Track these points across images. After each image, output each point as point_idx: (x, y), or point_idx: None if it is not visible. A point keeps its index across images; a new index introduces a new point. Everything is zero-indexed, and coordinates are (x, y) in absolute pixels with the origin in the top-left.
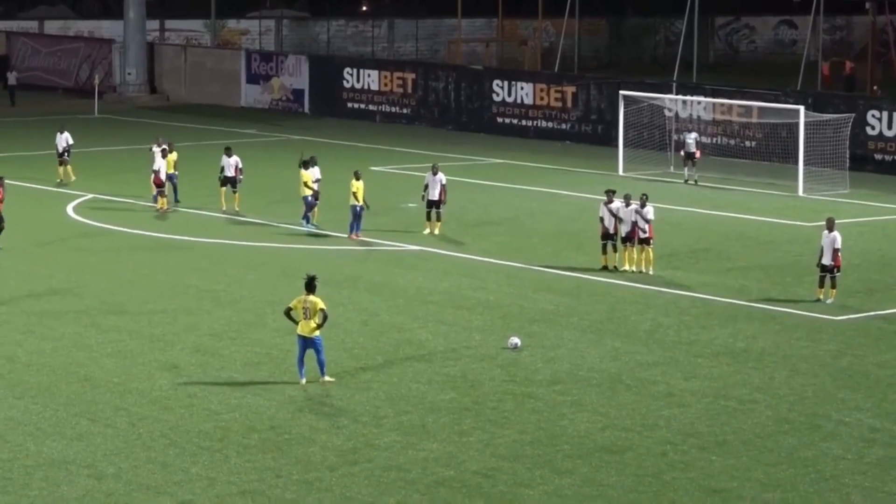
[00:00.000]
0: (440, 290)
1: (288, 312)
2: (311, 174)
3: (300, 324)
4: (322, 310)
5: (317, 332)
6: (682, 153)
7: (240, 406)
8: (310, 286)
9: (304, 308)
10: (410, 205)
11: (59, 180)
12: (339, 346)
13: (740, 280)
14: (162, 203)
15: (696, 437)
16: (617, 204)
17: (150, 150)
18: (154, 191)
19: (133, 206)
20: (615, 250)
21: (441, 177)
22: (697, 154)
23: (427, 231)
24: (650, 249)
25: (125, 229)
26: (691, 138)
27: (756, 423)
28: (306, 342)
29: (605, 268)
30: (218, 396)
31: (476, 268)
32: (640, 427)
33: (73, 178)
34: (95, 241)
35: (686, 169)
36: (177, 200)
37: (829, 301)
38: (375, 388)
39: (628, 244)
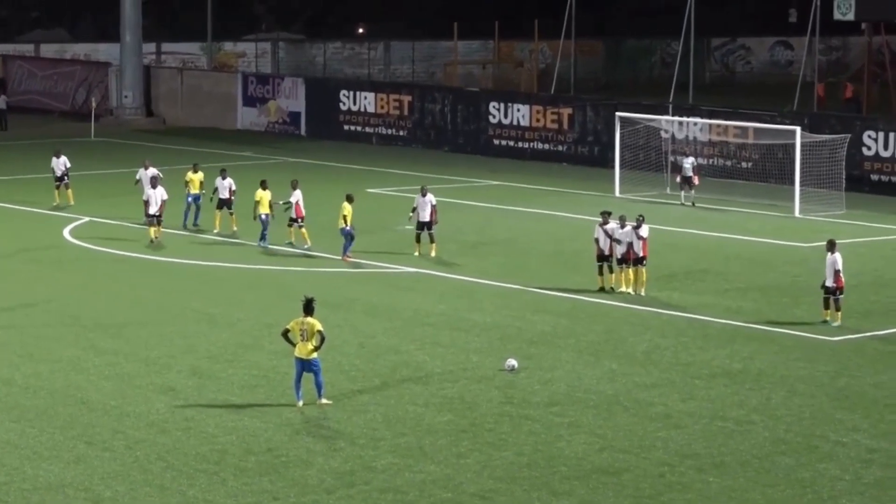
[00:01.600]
0: (437, 312)
1: (285, 334)
2: (268, 194)
3: (298, 346)
4: (319, 332)
5: (314, 355)
6: (679, 178)
7: (237, 429)
8: (308, 308)
9: (301, 330)
10: (407, 227)
11: (55, 203)
12: (336, 369)
13: (737, 301)
14: (154, 232)
15: (693, 458)
16: (612, 225)
17: (137, 179)
18: (145, 220)
19: (129, 229)
20: (611, 271)
21: (431, 198)
22: (695, 179)
23: (417, 253)
24: (644, 270)
25: (122, 252)
26: (688, 163)
27: (753, 444)
28: (304, 364)
29: (601, 289)
30: (215, 419)
31: (473, 289)
32: (638, 448)
33: (72, 202)
34: (92, 265)
35: (682, 192)
36: (196, 224)
37: (835, 324)
38: (372, 411)
39: (624, 265)
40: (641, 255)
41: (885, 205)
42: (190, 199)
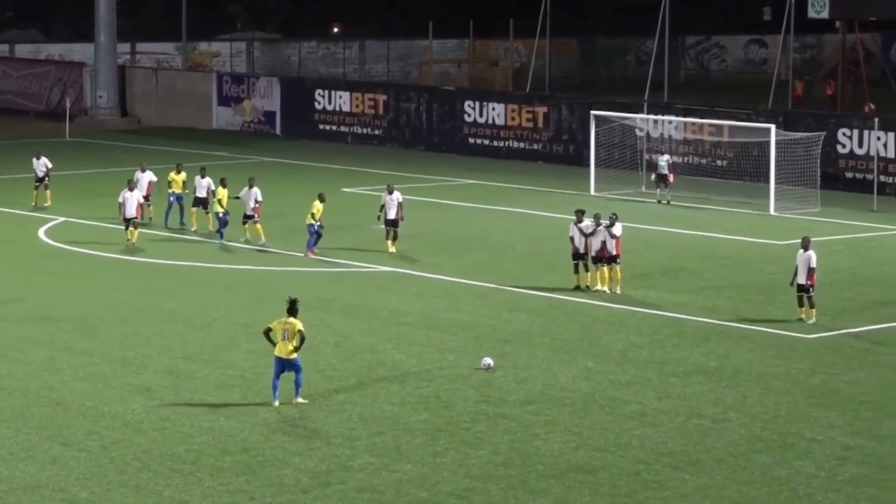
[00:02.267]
0: (413, 311)
1: (267, 333)
2: (227, 192)
3: (278, 345)
4: (300, 331)
5: (294, 354)
6: (654, 175)
7: (213, 429)
8: (291, 309)
9: (283, 329)
10: (383, 226)
11: (33, 204)
12: (312, 368)
13: (713, 299)
14: (131, 235)
15: (669, 456)
16: (587, 223)
17: (134, 178)
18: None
19: (105, 230)
20: (587, 270)
21: (397, 195)
22: (671, 177)
23: (392, 250)
24: (618, 269)
25: (97, 252)
26: (663, 160)
27: (729, 441)
28: (283, 363)
29: (577, 287)
30: (191, 419)
31: (449, 288)
32: (614, 447)
33: (49, 202)
34: (68, 265)
35: (658, 190)
36: (182, 223)
37: (810, 321)
38: (349, 410)
39: (599, 264)
40: (615, 253)
41: (860, 202)
42: (172, 198)
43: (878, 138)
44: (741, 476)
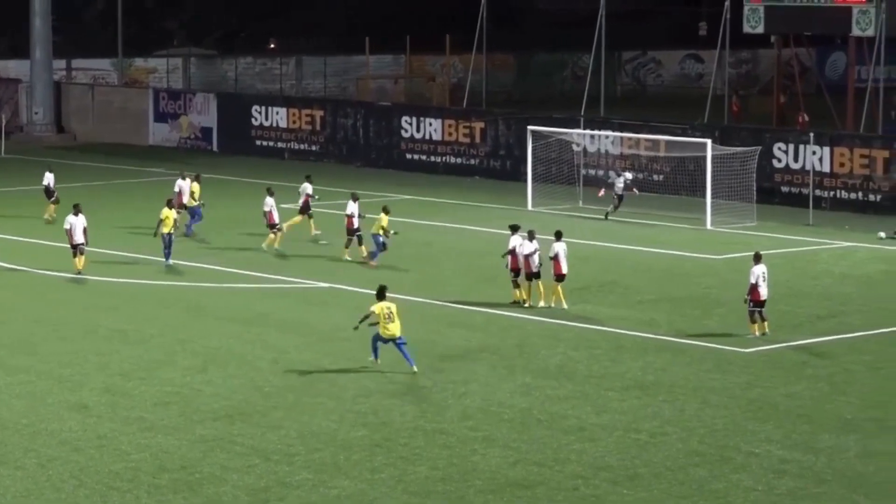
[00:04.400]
0: (350, 327)
1: (366, 318)
2: (173, 213)
3: (389, 326)
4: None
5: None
6: (614, 194)
7: (150, 446)
8: (381, 294)
9: (387, 314)
10: (322, 242)
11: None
12: (250, 385)
13: (650, 313)
14: (79, 262)
15: (607, 470)
16: (517, 238)
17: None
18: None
19: (42, 247)
20: (517, 285)
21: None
22: (634, 191)
23: (347, 258)
24: (540, 283)
25: (34, 269)
26: (621, 182)
27: (667, 455)
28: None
29: (514, 302)
30: (128, 437)
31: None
32: (552, 461)
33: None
34: (4, 282)
35: (611, 207)
36: (186, 234)
37: (767, 333)
38: (287, 427)
39: (535, 279)
40: (536, 270)
41: (796, 216)
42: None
43: (814, 153)
44: (679, 490)
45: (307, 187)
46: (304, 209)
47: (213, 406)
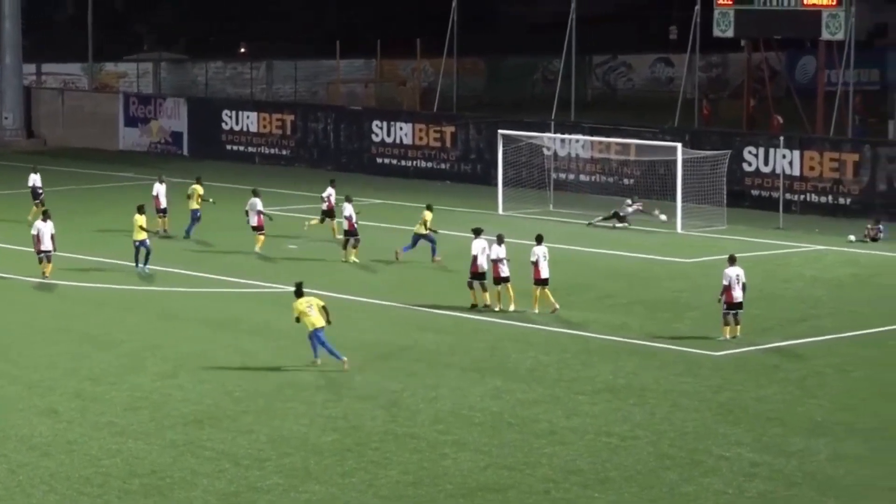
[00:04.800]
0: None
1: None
2: (144, 219)
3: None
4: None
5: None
6: (616, 212)
7: (120, 451)
8: (299, 291)
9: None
10: (290, 246)
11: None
12: (220, 390)
13: (621, 317)
14: (45, 268)
15: (578, 474)
16: (482, 242)
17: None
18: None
19: (10, 251)
20: (485, 289)
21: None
22: (636, 208)
23: (350, 258)
24: (509, 287)
25: (5, 275)
26: (631, 208)
27: (637, 459)
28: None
29: (473, 306)
30: (98, 442)
31: (357, 308)
32: (523, 465)
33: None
34: None
35: (601, 217)
36: (186, 236)
37: (738, 336)
38: (257, 431)
39: (503, 283)
40: (506, 275)
41: (766, 220)
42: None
43: (784, 156)
44: (650, 493)
45: (331, 192)
46: (330, 214)
47: (183, 411)
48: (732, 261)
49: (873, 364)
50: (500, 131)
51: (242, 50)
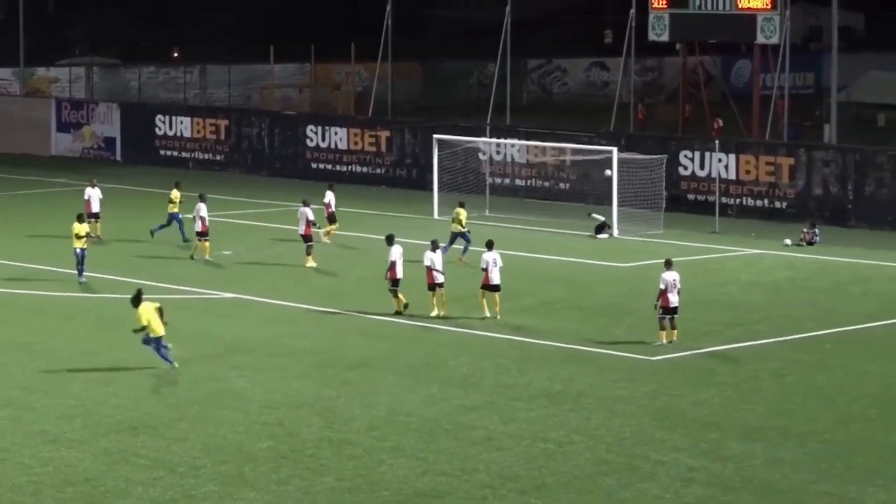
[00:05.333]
0: (256, 338)
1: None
2: (85, 227)
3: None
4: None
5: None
6: (608, 226)
7: (53, 459)
8: (137, 300)
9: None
10: (225, 252)
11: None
12: (154, 397)
13: (557, 322)
14: None
15: (515, 480)
16: (399, 249)
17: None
18: None
19: None
20: (396, 296)
21: (307, 212)
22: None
23: (313, 265)
24: (443, 293)
25: None
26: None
27: (574, 465)
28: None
29: (397, 312)
30: (31, 450)
31: (293, 315)
32: (460, 471)
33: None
34: None
35: (596, 225)
36: (185, 239)
37: (675, 341)
38: (192, 439)
39: (438, 288)
40: (441, 280)
41: (702, 224)
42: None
43: (720, 160)
44: (587, 499)
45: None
46: (331, 219)
47: (117, 418)
48: (669, 265)
49: (809, 368)
50: (435, 136)
51: (175, 55)
